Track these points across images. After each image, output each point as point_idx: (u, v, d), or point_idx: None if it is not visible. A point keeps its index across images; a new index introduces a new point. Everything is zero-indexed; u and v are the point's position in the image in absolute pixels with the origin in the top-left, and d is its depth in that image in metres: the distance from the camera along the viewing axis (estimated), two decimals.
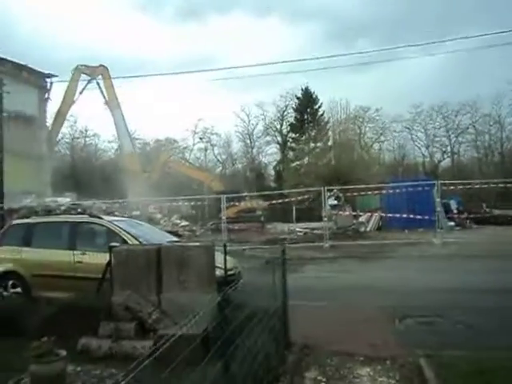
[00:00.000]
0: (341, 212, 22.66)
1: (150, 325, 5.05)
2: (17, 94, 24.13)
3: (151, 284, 5.28)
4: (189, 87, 69.92)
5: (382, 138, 45.45)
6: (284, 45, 71.54)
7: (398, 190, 21.44)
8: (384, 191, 24.54)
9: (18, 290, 7.25)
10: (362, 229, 22.64)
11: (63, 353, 4.03)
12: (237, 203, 28.54)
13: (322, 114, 44.05)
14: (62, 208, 23.10)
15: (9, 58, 29.23)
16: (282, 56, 62.32)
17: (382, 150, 46.03)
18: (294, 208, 28.69)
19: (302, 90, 44.08)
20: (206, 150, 47.43)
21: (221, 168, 50.03)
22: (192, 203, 28.42)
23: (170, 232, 11.25)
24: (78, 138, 50.30)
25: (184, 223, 27.27)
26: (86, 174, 44.37)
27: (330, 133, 43.20)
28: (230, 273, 6.57)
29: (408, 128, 45.13)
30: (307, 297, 7.23)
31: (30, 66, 30.97)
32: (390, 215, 21.48)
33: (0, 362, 4.63)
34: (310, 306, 6.88)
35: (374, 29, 67.57)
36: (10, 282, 7.28)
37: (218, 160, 50.67)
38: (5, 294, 7.26)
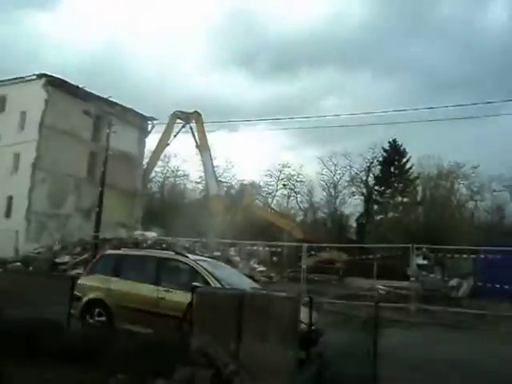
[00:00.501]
0: (428, 273, 21.03)
1: (226, 376, 4.79)
2: (121, 134, 26.43)
3: (231, 331, 5.05)
4: (277, 134, 72.03)
5: (478, 197, 42.28)
6: (374, 96, 71.58)
7: (496, 256, 19.44)
8: (479, 255, 22.42)
9: (103, 318, 7.45)
10: (453, 294, 20.68)
11: None
12: (316, 253, 27.89)
13: (409, 168, 42.42)
14: (149, 242, 24.30)
15: (117, 101, 32.54)
16: (372, 107, 62.05)
17: (478, 209, 42.70)
18: (375, 263, 27.26)
19: (390, 142, 43.08)
20: (288, 196, 47.68)
21: (302, 216, 49.76)
22: (272, 249, 28.33)
23: (247, 276, 11.12)
24: (169, 177, 53.34)
25: (261, 268, 27.09)
26: (172, 212, 46.57)
27: (418, 188, 41.24)
28: (312, 328, 6.18)
29: (508, 188, 41.71)
30: (396, 366, 6.52)
31: (134, 109, 34.11)
32: (486, 282, 19.43)
33: None
34: (401, 378, 6.16)
35: (470, 82, 65.39)
36: (97, 310, 7.52)
37: (300, 207, 50.58)
38: (90, 321, 7.51)
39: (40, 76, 28.47)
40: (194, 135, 34.83)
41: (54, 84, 28.63)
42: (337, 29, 77.94)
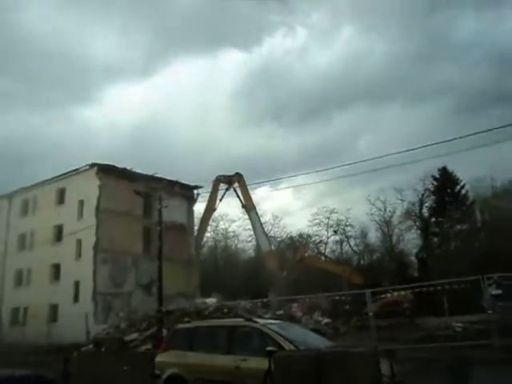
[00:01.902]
0: (505, 302, 19.62)
1: None
2: (170, 207, 27.57)
3: None
4: (319, 183, 72.21)
5: None
6: (407, 129, 71.19)
7: None
8: None
9: None
10: None
11: None
12: (380, 297, 26.89)
13: (465, 194, 40.81)
14: (210, 309, 24.42)
15: (163, 176, 34.29)
16: (407, 140, 61.45)
17: None
18: (445, 300, 25.85)
19: (440, 170, 41.89)
20: (341, 242, 46.93)
21: (358, 259, 48.55)
22: (335, 298, 27.64)
23: (313, 330, 10.94)
24: (220, 240, 54.21)
25: (326, 320, 26.31)
26: (228, 275, 46.93)
27: (476, 213, 39.47)
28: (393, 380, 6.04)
29: None
30: None
31: (179, 180, 35.74)
32: None
33: None
34: None
35: (507, 96, 63.83)
36: None
37: (355, 251, 49.47)
38: None
39: (92, 165, 30.84)
40: (238, 196, 35.80)
41: (105, 170, 30.85)
42: (359, 68, 79.80)
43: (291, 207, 76.54)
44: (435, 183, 42.56)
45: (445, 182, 41.66)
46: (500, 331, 16.00)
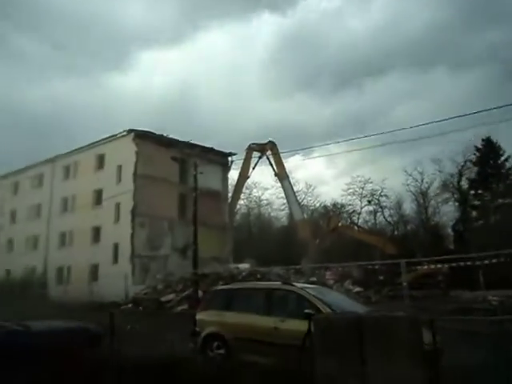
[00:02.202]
0: None
1: None
2: (205, 173, 27.87)
3: (353, 355, 5.13)
4: (352, 152, 70.87)
5: None
6: (451, 96, 68.09)
7: None
8: None
9: (222, 351, 7.87)
10: None
11: None
12: (414, 268, 26.62)
13: (510, 167, 38.96)
14: (244, 274, 24.94)
15: (198, 143, 34.51)
16: (451, 108, 58.83)
17: None
18: (480, 273, 25.31)
19: (483, 140, 40.11)
20: (375, 212, 46.37)
21: (392, 230, 47.97)
22: (367, 267, 27.62)
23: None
24: (253, 208, 54.63)
25: (358, 289, 26.41)
26: (261, 242, 47.48)
27: None
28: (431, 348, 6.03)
29: None
30: None
31: (214, 147, 35.91)
32: None
33: None
34: None
35: None
36: (215, 344, 7.97)
37: (389, 222, 48.86)
38: (210, 354, 7.97)
39: (129, 131, 31.36)
40: (271, 165, 35.68)
41: (142, 136, 31.33)
42: (398, 34, 76.35)
43: (324, 176, 75.84)
44: (477, 154, 40.88)
45: (488, 153, 39.87)
46: None
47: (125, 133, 31.73)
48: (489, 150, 39.76)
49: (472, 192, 40.74)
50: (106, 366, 6.64)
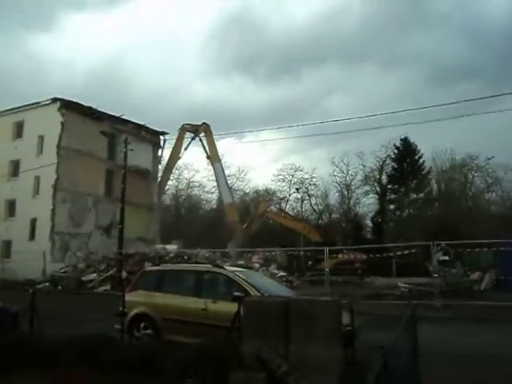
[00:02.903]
0: (450, 268, 21.14)
1: (279, 376, 5.17)
2: (135, 150, 27.07)
3: (279, 336, 5.44)
4: (284, 139, 72.46)
5: (494, 188, 42.09)
6: (379, 92, 71.79)
7: None
8: (499, 247, 22.45)
9: (149, 331, 7.88)
10: (476, 287, 20.77)
11: None
12: (335, 255, 28.14)
13: (422, 164, 42.40)
14: (171, 255, 24.79)
15: (130, 119, 33.30)
16: (378, 104, 62.07)
17: (494, 201, 42.48)
18: (394, 262, 27.42)
19: (401, 139, 43.12)
20: (302, 200, 47.93)
21: (317, 218, 50.02)
22: (290, 253, 28.71)
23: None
24: (182, 189, 53.96)
25: (282, 273, 27.39)
26: (189, 224, 47.21)
27: (433, 183, 41.26)
28: (348, 329, 6.55)
29: None
30: (434, 360, 6.83)
31: (146, 125, 34.83)
32: (508, 275, 19.47)
33: None
34: (441, 371, 6.48)
35: (477, 72, 65.18)
36: (142, 324, 7.96)
37: (315, 210, 50.82)
38: (137, 334, 7.95)
39: (54, 100, 29.38)
40: (204, 146, 35.45)
41: (68, 107, 29.51)
42: (336, 26, 78.55)
43: (256, 161, 76.71)
44: (396, 152, 43.88)
45: (405, 151, 43.03)
46: (442, 293, 17.41)
47: (49, 101, 29.67)
48: (406, 149, 42.89)
49: (390, 186, 43.68)
50: (26, 347, 6.38)
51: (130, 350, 6.64)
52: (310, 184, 50.41)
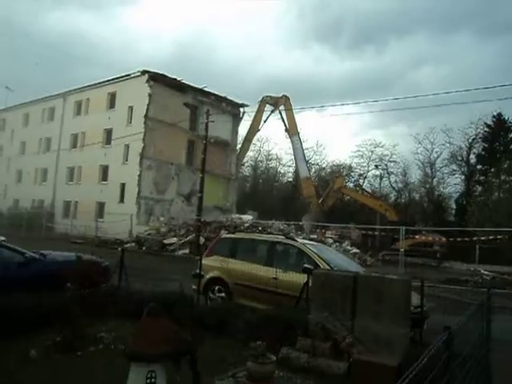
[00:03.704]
0: None
1: (343, 347, 5.34)
2: (216, 122, 27.83)
3: (346, 309, 5.58)
4: (365, 114, 69.91)
5: None
6: (473, 64, 66.05)
7: None
8: None
9: (222, 294, 8.41)
10: None
11: (273, 357, 4.61)
12: (412, 235, 27.21)
13: None
14: (246, 225, 25.57)
15: (212, 91, 34.17)
16: (471, 76, 57.27)
17: None
18: (477, 247, 25.86)
19: (494, 116, 39.55)
20: (381, 177, 46.42)
21: (395, 197, 48.31)
22: (364, 232, 28.25)
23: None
24: (260, 161, 54.72)
25: (355, 250, 27.15)
26: (265, 195, 48.03)
27: None
28: (418, 310, 6.47)
29: None
30: (507, 350, 6.57)
31: (227, 97, 35.52)
32: None
33: (218, 357, 5.48)
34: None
35: None
36: (217, 287, 8.50)
37: (394, 188, 49.08)
38: (212, 296, 8.52)
39: (143, 72, 30.98)
40: (283, 120, 35.44)
41: (156, 79, 30.98)
42: None
43: (334, 136, 75.25)
44: (487, 129, 40.40)
45: (498, 128, 39.42)
46: None
47: (138, 73, 31.36)
48: (499, 126, 39.23)
49: (479, 167, 40.65)
50: (115, 298, 7.16)
51: (205, 309, 7.17)
52: (389, 161, 48.60)
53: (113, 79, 33.19)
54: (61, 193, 36.06)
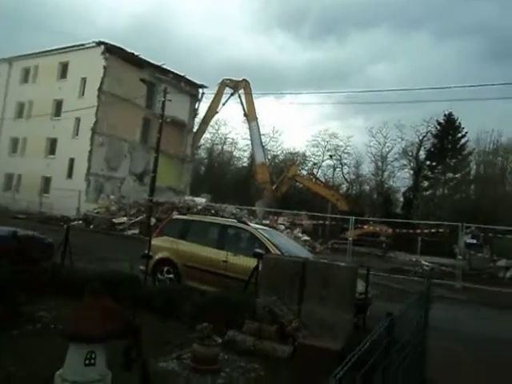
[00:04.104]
0: (477, 252, 20.84)
1: (289, 331, 5.40)
2: (174, 102, 27.18)
3: (293, 294, 5.64)
4: (322, 103, 70.83)
5: None
6: (429, 63, 68.48)
7: None
8: None
9: (171, 276, 8.28)
10: (501, 274, 20.42)
11: (219, 340, 4.58)
12: (360, 226, 28.08)
13: (464, 144, 40.75)
14: (199, 207, 25.34)
15: (171, 69, 33.26)
16: (427, 75, 59.38)
17: None
18: (419, 239, 27.12)
19: (445, 115, 41.35)
20: (334, 167, 47.46)
21: (347, 187, 49.59)
22: (315, 222, 28.84)
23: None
24: (217, 144, 54.24)
25: (305, 238, 27.66)
26: (219, 179, 47.76)
27: (472, 165, 39.83)
28: (362, 297, 6.67)
29: None
30: (442, 337, 6.92)
31: (186, 76, 34.73)
32: None
33: (163, 339, 5.39)
34: (446, 347, 6.58)
35: None
36: (165, 268, 8.35)
37: (346, 179, 50.34)
38: (160, 277, 8.37)
39: (99, 43, 29.57)
40: (242, 103, 35.19)
41: (112, 51, 29.68)
42: None
43: (292, 124, 75.78)
44: (438, 127, 42.23)
45: (448, 127, 41.27)
46: (465, 276, 17.24)
47: (94, 44, 29.88)
48: (449, 125, 41.10)
49: (428, 163, 42.47)
50: (57, 276, 6.85)
51: (152, 290, 7.03)
52: (343, 152, 49.72)
53: (65, 48, 31.39)
54: (2, 165, 33.97)
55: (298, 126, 74.79)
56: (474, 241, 20.06)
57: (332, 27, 79.56)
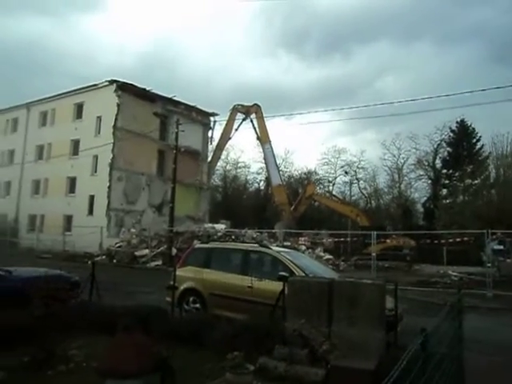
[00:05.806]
0: (504, 258, 20.25)
1: (320, 354, 5.33)
2: (186, 131, 27.68)
3: (322, 316, 5.59)
4: (332, 120, 71.18)
5: None
6: (435, 72, 68.42)
7: None
8: None
9: (197, 305, 8.29)
10: None
11: (251, 367, 4.56)
12: (383, 240, 27.71)
13: (480, 148, 40.24)
14: (219, 234, 25.42)
15: (181, 101, 34.00)
16: (434, 84, 59.25)
17: None
18: (444, 249, 26.59)
19: (457, 122, 41.09)
20: (350, 183, 47.22)
21: (365, 202, 49.18)
22: (336, 239, 28.61)
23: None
24: (229, 169, 54.64)
25: (328, 256, 27.39)
26: (236, 204, 47.92)
27: (490, 169, 39.13)
28: (392, 313, 6.55)
29: None
30: (478, 349, 6.74)
31: (197, 106, 35.44)
32: None
33: (195, 370, 5.38)
34: (484, 359, 6.39)
35: None
36: (191, 298, 8.37)
37: (363, 194, 49.98)
38: (186, 307, 8.38)
39: (111, 82, 30.50)
40: (254, 128, 35.61)
41: (124, 88, 30.57)
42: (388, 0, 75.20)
43: (304, 143, 76.07)
44: (451, 135, 41.88)
45: (461, 134, 40.93)
46: (495, 283, 16.74)
47: (106, 83, 30.85)
48: (462, 132, 40.74)
49: (444, 171, 41.95)
50: (86, 314, 6.93)
51: (180, 321, 7.04)
52: (357, 167, 49.57)
53: (79, 89, 32.50)
54: (25, 206, 34.82)
55: (310, 144, 75.15)
56: (501, 247, 19.53)
57: (335, 45, 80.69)
